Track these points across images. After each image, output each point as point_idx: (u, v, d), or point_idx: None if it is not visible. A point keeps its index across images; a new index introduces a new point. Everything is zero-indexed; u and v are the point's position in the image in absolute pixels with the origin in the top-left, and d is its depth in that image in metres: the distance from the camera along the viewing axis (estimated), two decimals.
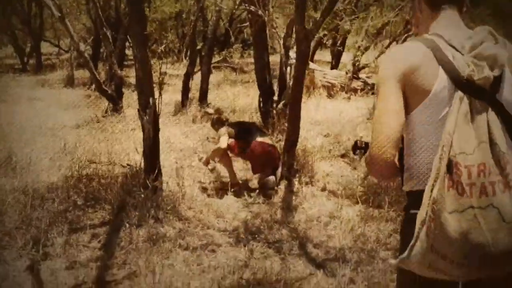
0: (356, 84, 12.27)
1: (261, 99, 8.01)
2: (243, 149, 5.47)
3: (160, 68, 4.87)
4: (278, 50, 8.15)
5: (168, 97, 9.44)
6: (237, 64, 17.99)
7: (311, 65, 11.61)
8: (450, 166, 1.56)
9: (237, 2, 9.26)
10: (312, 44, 8.65)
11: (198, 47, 9.54)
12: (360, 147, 2.15)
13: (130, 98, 10.37)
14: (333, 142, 7.40)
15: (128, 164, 5.98)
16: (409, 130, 1.72)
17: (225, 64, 16.68)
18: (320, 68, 12.72)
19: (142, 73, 4.58)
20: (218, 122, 5.94)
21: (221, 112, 6.49)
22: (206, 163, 5.71)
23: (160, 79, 4.84)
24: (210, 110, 6.26)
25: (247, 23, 18.88)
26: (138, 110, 4.68)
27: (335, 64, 15.61)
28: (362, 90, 12.10)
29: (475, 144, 1.59)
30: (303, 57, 5.59)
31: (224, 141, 5.42)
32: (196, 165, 6.31)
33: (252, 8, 7.42)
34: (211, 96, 10.30)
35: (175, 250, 3.97)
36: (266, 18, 7.61)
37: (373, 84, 12.32)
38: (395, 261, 1.63)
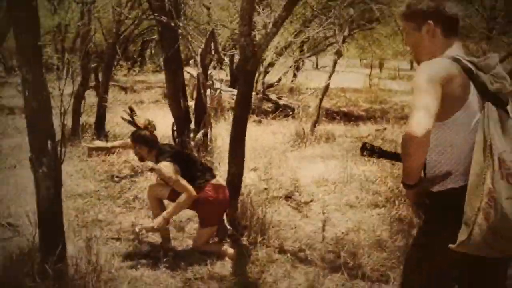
0: (267, 105, 11.25)
1: (175, 128, 6.63)
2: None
3: (62, 92, 3.34)
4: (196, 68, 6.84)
5: None
6: (125, 83, 16.31)
7: (217, 85, 10.42)
8: (499, 162, 1.88)
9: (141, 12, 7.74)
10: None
11: (94, 65, 7.95)
12: (368, 148, 2.40)
13: (6, 124, 8.52)
14: (266, 179, 6.20)
15: (9, 224, 4.38)
16: (446, 135, 2.01)
17: (112, 83, 14.95)
18: (227, 88, 11.55)
19: (35, 104, 3.07)
20: (152, 145, 4.11)
21: (153, 127, 4.25)
22: (165, 223, 3.95)
23: (62, 109, 3.30)
24: (127, 117, 4.22)
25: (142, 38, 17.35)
26: (30, 159, 3.14)
27: (233, 82, 14.55)
28: (273, 112, 11.07)
29: (511, 145, 1.93)
30: (249, 79, 4.36)
31: (186, 184, 3.89)
32: (105, 219, 4.80)
33: (163, 18, 6.08)
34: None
35: None
36: (180, 31, 6.30)
37: (285, 106, 11.39)
38: (454, 245, 1.91)
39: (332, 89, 16.78)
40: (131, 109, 4.27)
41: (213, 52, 6.98)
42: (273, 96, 11.55)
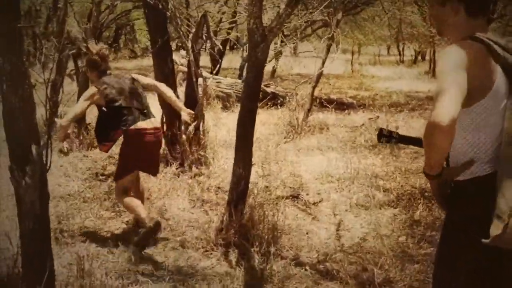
0: None
1: (164, 120, 6.06)
2: (107, 134, 4.05)
3: (48, 80, 2.77)
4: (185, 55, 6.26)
5: None
6: None
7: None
8: None
9: None
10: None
11: (73, 51, 7.28)
12: (385, 135, 2.32)
13: None
14: (265, 175, 5.71)
15: None
16: (472, 122, 1.90)
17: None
18: (214, 76, 10.94)
19: (15, 99, 2.51)
20: (100, 70, 4.12)
21: (103, 54, 4.14)
22: (63, 137, 4.11)
23: (48, 108, 2.75)
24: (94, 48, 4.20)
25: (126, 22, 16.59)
26: (10, 168, 2.58)
27: (216, 70, 13.95)
28: (260, 101, 10.53)
29: None
30: (259, 67, 3.84)
31: (76, 108, 4.04)
32: (94, 226, 4.25)
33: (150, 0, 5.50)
34: None
35: None
36: (168, 14, 5.73)
37: (273, 94, 10.90)
38: (488, 240, 1.80)
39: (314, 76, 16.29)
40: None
41: (204, 37, 6.45)
42: None
